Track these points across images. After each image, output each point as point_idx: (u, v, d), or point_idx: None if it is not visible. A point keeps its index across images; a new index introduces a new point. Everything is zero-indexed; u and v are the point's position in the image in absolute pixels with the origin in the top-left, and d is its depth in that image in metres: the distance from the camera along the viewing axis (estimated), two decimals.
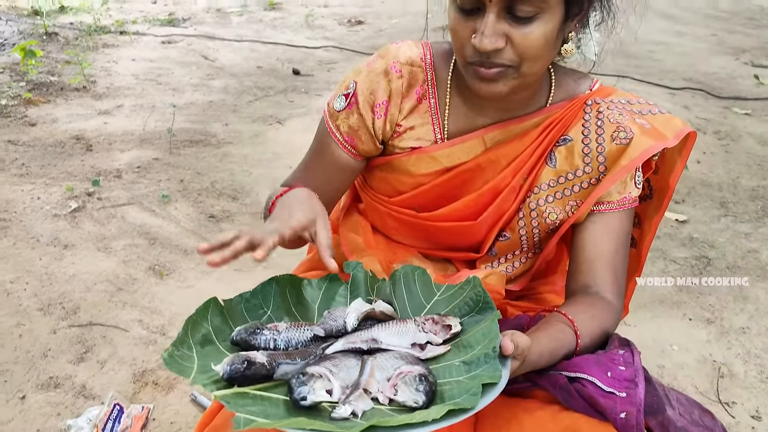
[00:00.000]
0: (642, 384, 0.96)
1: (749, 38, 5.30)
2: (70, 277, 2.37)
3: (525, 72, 0.99)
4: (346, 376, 0.86)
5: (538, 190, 1.14)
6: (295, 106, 4.01)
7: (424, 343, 0.93)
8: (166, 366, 0.85)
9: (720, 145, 3.51)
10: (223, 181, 3.13)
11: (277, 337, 0.94)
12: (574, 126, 1.12)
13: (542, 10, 0.94)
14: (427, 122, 1.15)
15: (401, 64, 1.13)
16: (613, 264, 1.13)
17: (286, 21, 5.84)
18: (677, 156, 1.15)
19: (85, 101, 3.98)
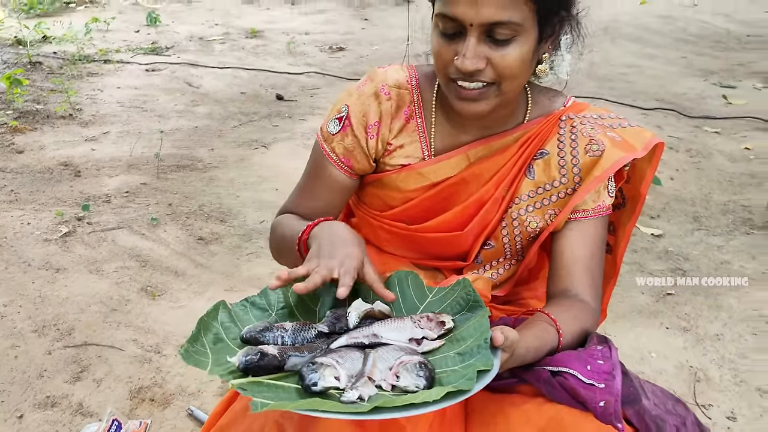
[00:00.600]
0: (619, 376, 1.04)
1: (717, 60, 5.49)
2: (64, 299, 2.41)
3: (504, 90, 1.08)
4: (351, 366, 0.93)
5: (519, 201, 1.23)
6: (279, 130, 4.09)
7: (420, 338, 1.01)
8: (184, 360, 0.92)
9: (692, 162, 3.64)
10: (210, 205, 3.19)
11: (285, 334, 1.01)
12: (550, 140, 1.21)
13: (518, 33, 1.03)
14: (415, 140, 1.23)
15: (389, 86, 1.21)
16: (590, 268, 1.21)
17: (267, 48, 5.94)
18: (647, 165, 1.24)
19: (72, 128, 4.03)
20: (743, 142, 3.87)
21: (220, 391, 2.00)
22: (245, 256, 2.78)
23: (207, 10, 7.40)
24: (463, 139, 1.22)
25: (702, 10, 7.17)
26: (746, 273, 2.65)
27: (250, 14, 7.22)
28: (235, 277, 2.62)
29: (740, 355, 2.18)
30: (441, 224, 1.25)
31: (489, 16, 1.00)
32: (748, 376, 2.08)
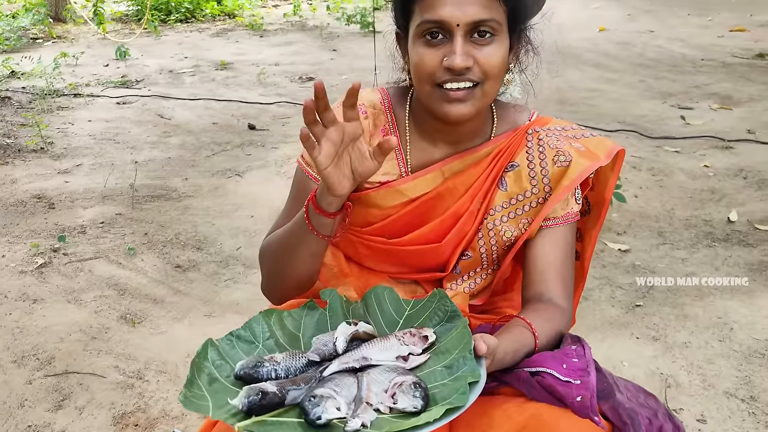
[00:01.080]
0: (593, 372, 1.10)
1: (675, 83, 5.70)
2: (43, 329, 2.41)
3: (486, 91, 1.16)
4: (348, 393, 0.97)
5: (494, 212, 1.30)
6: (252, 159, 4.14)
7: (407, 355, 1.06)
8: (185, 407, 0.94)
9: (654, 180, 3.77)
10: (186, 233, 3.21)
11: (278, 367, 1.02)
12: (519, 153, 1.28)
13: (497, 33, 1.13)
14: (392, 158, 1.29)
15: (366, 106, 1.28)
16: (561, 273, 1.28)
17: (238, 79, 6.01)
18: (610, 172, 1.32)
19: (44, 162, 4.03)
20: (702, 160, 4.02)
21: None
22: (223, 282, 2.80)
23: (176, 43, 7.46)
24: (437, 156, 1.29)
25: (658, 36, 7.43)
26: (710, 284, 2.75)
27: (220, 47, 7.29)
28: (214, 302, 2.64)
29: (707, 361, 2.27)
30: (419, 237, 1.31)
31: (474, 14, 1.09)
32: (716, 381, 2.17)
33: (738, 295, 2.66)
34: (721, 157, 4.07)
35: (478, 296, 1.41)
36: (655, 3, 9.42)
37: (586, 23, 8.09)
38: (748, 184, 3.69)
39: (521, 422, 1.07)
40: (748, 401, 2.07)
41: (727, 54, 6.58)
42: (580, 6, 9.28)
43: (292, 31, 8.10)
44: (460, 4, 1.09)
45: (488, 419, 1.10)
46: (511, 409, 1.09)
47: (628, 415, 1.09)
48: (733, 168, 3.89)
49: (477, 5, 1.10)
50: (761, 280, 2.75)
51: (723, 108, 5.02)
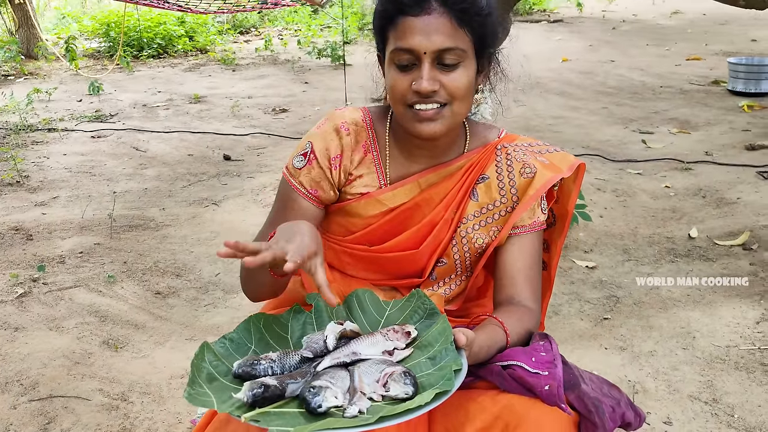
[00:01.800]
0: (560, 365, 1.20)
1: (635, 109, 5.92)
2: (25, 356, 2.43)
3: (455, 111, 1.27)
4: (342, 384, 1.05)
5: (466, 221, 1.40)
6: (229, 188, 4.21)
7: (392, 350, 1.15)
8: (191, 402, 1.02)
9: (618, 201, 3.92)
10: (165, 261, 3.26)
11: (273, 364, 1.11)
12: (489, 166, 1.40)
13: (462, 59, 1.24)
14: (372, 171, 1.40)
15: (348, 123, 1.39)
16: (529, 277, 1.39)
17: (212, 112, 6.09)
18: (572, 185, 1.44)
19: (20, 195, 4.06)
20: (663, 181, 4.19)
21: (189, 431, 2.06)
22: (203, 307, 2.86)
23: (149, 78, 7.53)
24: (414, 169, 1.40)
25: (619, 65, 7.71)
26: (673, 297, 2.88)
27: (193, 81, 7.38)
28: (194, 327, 2.69)
29: (672, 367, 2.38)
30: (398, 244, 1.41)
31: (440, 43, 1.21)
32: (680, 386, 2.27)
33: (700, 306, 2.79)
34: (681, 178, 4.24)
35: (453, 302, 1.51)
36: (615, 34, 9.77)
37: (550, 54, 8.36)
38: (706, 202, 3.86)
39: (495, 413, 1.16)
40: (710, 403, 2.18)
41: (685, 81, 6.85)
42: (543, 38, 9.59)
43: (264, 65, 8.24)
44: (428, 34, 1.21)
45: (464, 411, 1.19)
46: (485, 401, 1.18)
47: (593, 404, 1.19)
48: (693, 188, 4.07)
49: (443, 35, 1.21)
50: (720, 292, 2.89)
51: (682, 132, 5.24)
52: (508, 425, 1.14)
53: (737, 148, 4.75)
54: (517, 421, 1.14)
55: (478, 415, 1.17)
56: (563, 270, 3.14)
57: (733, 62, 6.14)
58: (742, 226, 3.48)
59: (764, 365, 2.37)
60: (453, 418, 1.20)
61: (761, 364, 2.37)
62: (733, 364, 2.38)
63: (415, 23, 1.22)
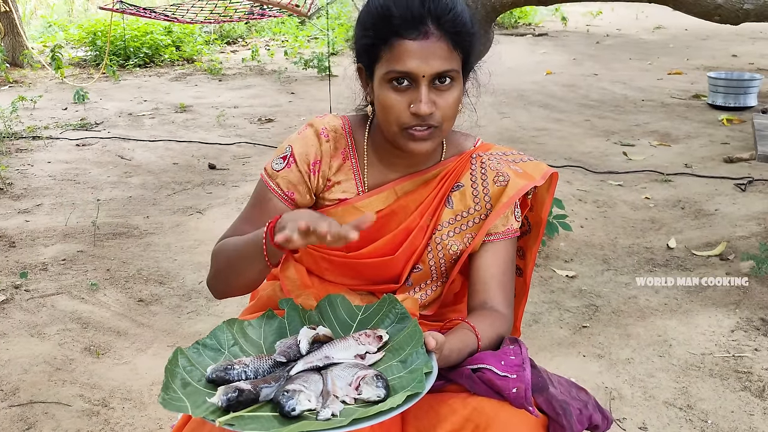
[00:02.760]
0: (528, 368, 1.23)
1: (617, 122, 6.00)
2: (6, 362, 2.43)
3: (444, 129, 1.31)
4: (315, 388, 1.08)
5: (441, 228, 1.43)
6: (213, 197, 4.23)
7: (364, 354, 1.17)
8: (165, 407, 1.03)
9: (599, 212, 3.98)
10: (149, 268, 3.27)
11: (247, 369, 1.12)
12: (464, 175, 1.43)
13: (454, 80, 1.28)
14: (350, 178, 1.43)
15: (328, 130, 1.42)
16: (502, 282, 1.42)
17: (197, 121, 6.11)
18: (546, 194, 1.48)
19: (3, 202, 4.05)
20: (643, 192, 4.26)
21: None
22: (186, 314, 2.87)
23: (135, 87, 7.53)
24: (392, 177, 1.43)
25: (602, 79, 7.81)
26: (651, 305, 2.92)
27: (179, 91, 7.39)
28: (177, 334, 2.70)
29: (648, 374, 2.42)
30: (375, 250, 1.44)
31: (437, 67, 1.24)
32: (656, 392, 2.31)
33: (677, 315, 2.84)
34: (661, 189, 4.31)
35: (428, 307, 1.54)
36: (598, 48, 9.90)
37: (534, 68, 8.46)
38: (685, 213, 3.92)
39: (465, 415, 1.19)
40: (685, 409, 2.22)
41: (666, 95, 6.96)
42: (528, 52, 9.69)
43: (250, 76, 8.26)
44: (426, 58, 1.24)
45: (435, 414, 1.22)
46: (456, 404, 1.22)
47: (561, 407, 1.22)
48: (672, 199, 4.14)
49: (440, 58, 1.24)
50: (697, 301, 2.94)
51: (662, 144, 5.32)
52: (478, 427, 1.17)
53: (716, 160, 4.83)
54: (486, 423, 1.17)
55: (449, 417, 1.20)
56: (543, 279, 3.18)
57: (713, 77, 6.25)
58: (720, 237, 3.54)
59: (738, 372, 2.41)
60: (424, 421, 1.22)
61: (735, 371, 2.42)
62: (707, 371, 2.43)
63: (412, 47, 1.24)
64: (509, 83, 7.30)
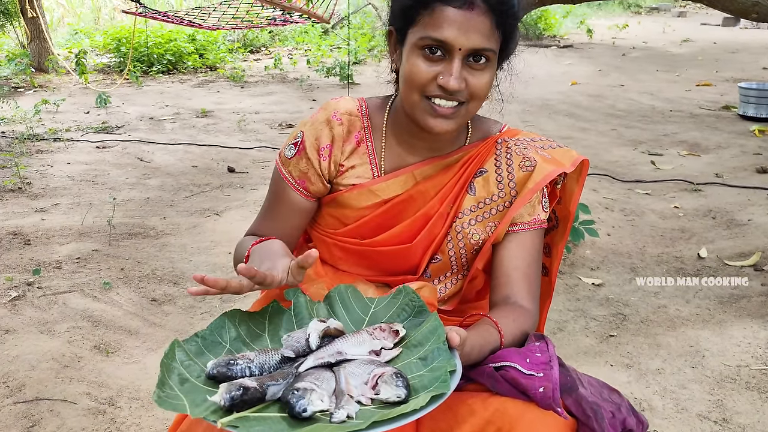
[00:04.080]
0: (556, 366, 1.13)
1: (645, 132, 5.87)
2: (14, 357, 2.37)
3: (470, 110, 1.23)
4: (328, 386, 0.97)
5: (462, 215, 1.34)
6: (231, 199, 4.17)
7: (379, 349, 1.07)
8: (160, 405, 0.93)
9: (626, 220, 3.85)
10: (163, 269, 3.21)
11: (251, 364, 1.02)
12: (489, 160, 1.34)
13: (490, 60, 1.19)
14: (365, 162, 1.34)
15: (341, 113, 1.34)
16: (527, 275, 1.32)
17: (218, 126, 6.08)
18: (575, 185, 1.37)
19: (21, 201, 4.02)
20: (672, 201, 4.12)
21: None
22: (199, 315, 2.79)
23: (157, 93, 7.55)
24: (411, 160, 1.34)
25: (629, 90, 7.68)
26: (682, 315, 2.79)
27: (201, 96, 7.39)
28: (189, 334, 2.60)
29: (680, 386, 2.29)
30: (391, 238, 1.34)
31: (476, 42, 1.15)
32: (689, 404, 2.19)
33: (709, 325, 2.71)
34: (690, 199, 4.17)
35: (448, 302, 1.44)
36: (625, 60, 9.77)
37: (560, 77, 8.35)
38: (716, 223, 3.78)
39: (486, 417, 1.09)
40: (720, 423, 2.09)
41: (695, 106, 6.81)
42: (553, 62, 9.59)
43: (272, 83, 8.25)
44: (466, 31, 1.15)
45: (453, 414, 1.11)
46: (476, 404, 1.11)
47: (591, 408, 1.11)
48: (702, 209, 4.00)
49: (480, 34, 1.15)
50: (731, 312, 2.80)
51: (691, 154, 5.18)
52: (500, 429, 1.07)
53: (748, 170, 4.69)
54: (510, 426, 1.07)
55: (468, 418, 1.10)
56: (569, 287, 3.07)
57: (744, 87, 6.10)
58: (753, 247, 3.40)
59: None
60: (441, 422, 1.12)
61: None
62: (744, 383, 2.29)
63: (455, 15, 1.15)
64: (534, 92, 7.20)
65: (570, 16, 12.37)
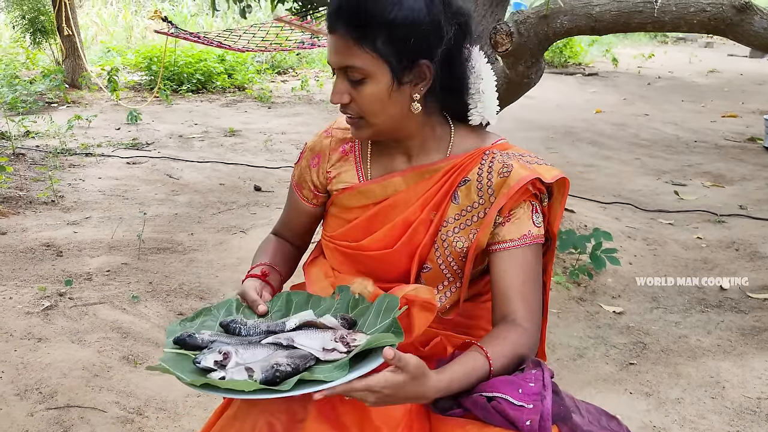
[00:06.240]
0: (549, 396, 1.15)
1: (668, 162, 5.88)
2: (46, 365, 2.44)
3: (372, 122, 1.31)
4: (249, 357, 1.13)
5: (447, 224, 1.39)
6: (257, 218, 4.25)
7: (331, 349, 1.15)
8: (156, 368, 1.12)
9: (649, 249, 3.87)
10: (190, 283, 3.28)
11: (243, 327, 1.22)
12: (472, 170, 1.37)
13: (367, 76, 1.27)
14: (351, 169, 1.45)
15: (334, 129, 1.49)
16: (522, 294, 1.32)
17: (245, 145, 6.19)
18: (558, 206, 1.40)
19: (54, 213, 4.14)
20: (695, 232, 4.13)
21: None
22: None
23: (186, 111, 7.70)
24: (394, 168, 1.42)
25: (653, 119, 7.69)
26: (702, 346, 2.80)
27: (229, 116, 7.53)
28: None
29: (700, 416, 2.30)
30: (373, 242, 1.42)
31: (338, 61, 1.28)
32: None
33: (730, 357, 2.71)
34: (714, 230, 4.18)
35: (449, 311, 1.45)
36: (649, 89, 9.78)
37: (583, 105, 8.39)
38: (740, 255, 3.78)
39: None
40: None
41: (720, 137, 6.81)
42: (577, 90, 9.63)
43: (299, 104, 8.38)
44: (334, 52, 1.29)
45: None
46: (470, 431, 1.16)
47: None
48: (726, 240, 4.00)
49: (340, 54, 1.27)
50: (753, 344, 2.81)
51: (715, 186, 5.18)
52: None
53: None
54: None
55: None
56: (590, 314, 3.09)
57: None
58: None
59: None
60: None
61: None
62: (764, 416, 2.30)
63: (330, 40, 1.29)
64: (558, 119, 7.24)
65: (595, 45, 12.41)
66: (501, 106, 3.61)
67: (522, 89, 3.18)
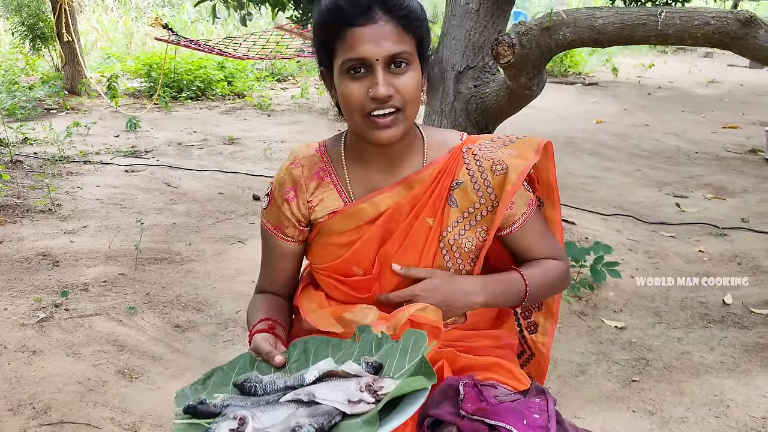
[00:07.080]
0: (554, 428, 1.15)
1: (670, 173, 5.85)
2: (40, 379, 2.41)
3: (408, 114, 1.29)
4: (267, 421, 1.04)
5: (451, 228, 1.38)
6: (256, 227, 4.21)
7: (357, 400, 1.07)
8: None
9: (650, 263, 3.83)
10: (187, 295, 3.24)
11: (258, 385, 1.15)
12: (460, 171, 1.39)
13: (410, 62, 1.27)
14: (333, 192, 1.41)
15: (299, 158, 1.43)
16: (544, 244, 1.47)
17: (244, 153, 6.17)
18: (547, 162, 1.46)
19: (51, 222, 4.10)
20: (697, 245, 4.10)
21: None
22: (221, 344, 2.82)
23: (186, 119, 7.67)
24: (376, 179, 1.40)
25: (654, 130, 7.67)
26: (706, 363, 2.77)
27: (228, 124, 7.50)
28: (212, 362, 2.64)
29: None
30: (385, 257, 1.39)
31: (389, 48, 1.24)
32: None
33: (734, 374, 2.67)
34: (716, 243, 4.15)
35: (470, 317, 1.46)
36: (650, 100, 9.77)
37: (583, 116, 8.37)
38: (742, 269, 3.75)
39: None
40: None
41: (721, 148, 6.78)
42: (577, 100, 9.61)
43: (299, 112, 8.36)
44: (377, 41, 1.24)
45: None
46: None
47: None
48: (728, 254, 3.97)
49: (391, 41, 1.25)
50: (756, 361, 2.77)
51: (717, 198, 5.15)
52: None
53: None
54: None
55: None
56: (591, 329, 3.05)
57: None
58: None
59: None
60: None
61: None
62: None
63: (363, 33, 1.24)
64: (558, 129, 7.22)
65: (595, 54, 12.40)
66: (503, 117, 3.58)
67: (524, 101, 3.15)
